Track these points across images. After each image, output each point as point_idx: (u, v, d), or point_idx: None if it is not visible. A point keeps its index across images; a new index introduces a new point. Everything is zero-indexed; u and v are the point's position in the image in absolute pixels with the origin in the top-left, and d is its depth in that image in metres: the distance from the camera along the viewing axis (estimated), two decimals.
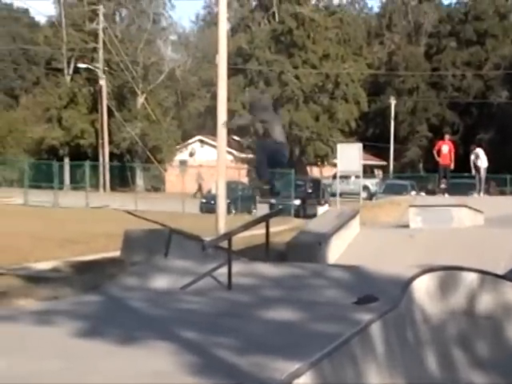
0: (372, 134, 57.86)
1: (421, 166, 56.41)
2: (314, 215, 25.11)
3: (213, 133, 29.09)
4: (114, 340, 5.07)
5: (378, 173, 52.80)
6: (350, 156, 28.68)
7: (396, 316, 5.58)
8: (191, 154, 50.16)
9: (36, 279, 6.65)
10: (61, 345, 5.04)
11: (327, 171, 48.99)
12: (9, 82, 58.84)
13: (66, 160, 45.53)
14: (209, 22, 59.82)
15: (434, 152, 22.14)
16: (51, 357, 4.65)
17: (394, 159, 52.89)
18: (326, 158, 51.46)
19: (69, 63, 50.50)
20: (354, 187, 36.22)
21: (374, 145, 52.09)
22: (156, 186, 47.80)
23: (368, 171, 45.84)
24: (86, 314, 6.21)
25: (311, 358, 4.39)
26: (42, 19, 65.77)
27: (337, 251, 11.05)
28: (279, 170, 39.47)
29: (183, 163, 46.56)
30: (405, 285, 6.06)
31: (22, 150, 46.80)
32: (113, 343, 4.99)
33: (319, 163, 52.70)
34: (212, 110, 38.07)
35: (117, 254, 9.84)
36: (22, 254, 11.23)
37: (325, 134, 50.42)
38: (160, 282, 7.60)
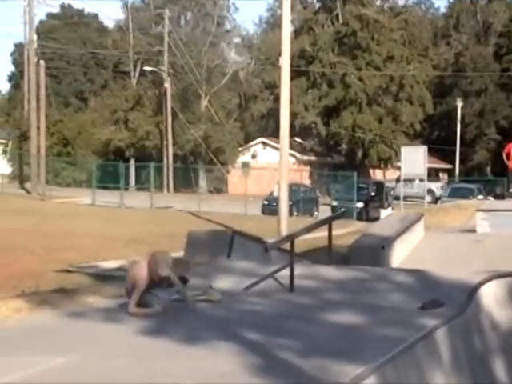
0: (437, 137, 56.74)
1: (488, 169, 54.90)
2: (377, 218, 24.75)
3: (275, 135, 29.15)
4: (179, 339, 5.14)
5: (444, 176, 51.72)
6: (415, 159, 28.22)
7: (462, 322, 5.46)
8: (253, 156, 50.41)
9: (103, 277, 6.83)
10: (127, 343, 5.15)
11: (390, 174, 48.31)
12: (79, 86, 60.64)
13: (132, 161, 46.51)
14: (272, 24, 59.98)
15: (504, 155, 21.52)
16: (119, 355, 4.76)
17: (461, 162, 51.70)
18: (389, 160, 50.76)
19: (135, 66, 51.67)
20: (419, 191, 35.60)
21: (440, 148, 51.08)
22: (218, 187, 48.25)
23: (433, 174, 44.98)
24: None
25: (375, 362, 4.34)
26: (110, 24, 67.51)
27: (400, 255, 10.89)
28: (342, 172, 39.18)
29: (246, 165, 46.80)
30: (472, 291, 5.93)
31: (91, 152, 48.05)
32: (177, 342, 5.07)
33: (382, 166, 52.04)
34: (275, 113, 38.17)
35: (180, 254, 9.96)
36: (91, 252, 11.56)
37: (388, 137, 49.76)
38: (223, 283, 7.65)
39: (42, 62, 37.93)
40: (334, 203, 30.79)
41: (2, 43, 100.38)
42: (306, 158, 49.76)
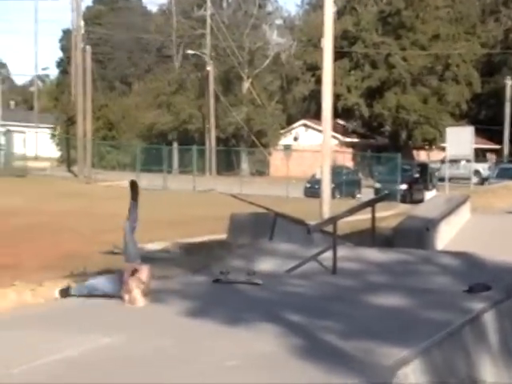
0: (485, 117, 55.38)
1: None
2: (421, 200, 24.42)
3: (317, 117, 28.85)
4: (221, 320, 5.17)
5: (491, 157, 50.57)
6: (460, 139, 27.64)
7: (511, 306, 5.33)
8: (295, 139, 50.19)
9: (148, 259, 6.89)
10: (171, 323, 5.20)
11: (435, 155, 47.47)
12: (123, 70, 61.22)
13: (175, 144, 46.82)
14: (314, 5, 59.27)
15: None
16: (163, 335, 4.82)
17: (509, 142, 50.44)
18: (433, 141, 49.84)
19: (178, 50, 51.84)
20: (464, 172, 34.90)
21: (487, 128, 49.91)
22: (260, 170, 48.24)
23: (480, 155, 44.04)
24: (194, 293, 6.36)
25: (419, 346, 4.28)
26: (153, 8, 67.89)
27: (446, 237, 10.71)
28: (385, 154, 38.66)
29: (287, 147, 46.64)
30: None
31: (135, 135, 48.55)
32: (220, 323, 5.09)
33: (427, 147, 51.18)
34: (317, 94, 37.84)
35: (223, 236, 10.00)
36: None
37: (433, 117, 48.83)
38: (265, 265, 7.67)
39: (88, 47, 38.39)
40: (377, 185, 30.45)
41: (52, 30, 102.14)
42: (348, 139, 49.29)
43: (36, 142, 47.30)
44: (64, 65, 58.58)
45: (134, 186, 6.25)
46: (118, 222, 14.56)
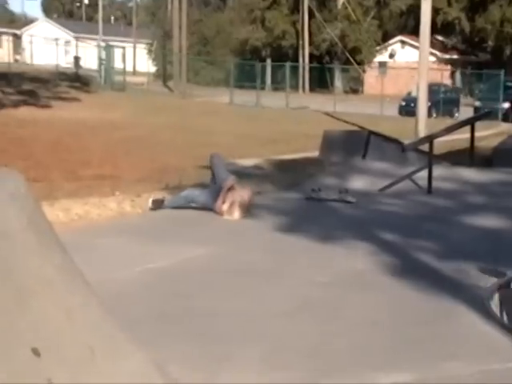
0: None
1: None
2: None
3: (415, 33, 27.48)
4: (314, 237, 5.14)
5: None
6: None
7: None
8: (391, 56, 48.39)
9: (240, 174, 6.92)
10: (265, 237, 5.23)
11: None
12: None
13: (268, 61, 46.27)
14: None
15: None
16: (256, 248, 4.85)
17: None
18: None
19: None
20: None
21: None
22: (354, 87, 47.12)
23: None
24: (286, 209, 6.36)
25: None
26: None
27: None
28: (486, 71, 36.55)
29: (383, 65, 45.11)
30: None
31: (229, 51, 48.28)
32: (312, 240, 5.07)
33: None
34: (415, 9, 35.95)
35: (315, 154, 9.90)
36: (229, 150, 11.74)
37: None
38: (358, 183, 7.57)
39: None
40: (477, 104, 29.06)
41: None
42: (447, 56, 47.01)
43: (134, 57, 48.14)
44: None
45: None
46: (211, 137, 14.73)
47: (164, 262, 4.35)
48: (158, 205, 6.13)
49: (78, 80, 33.73)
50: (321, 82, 44.08)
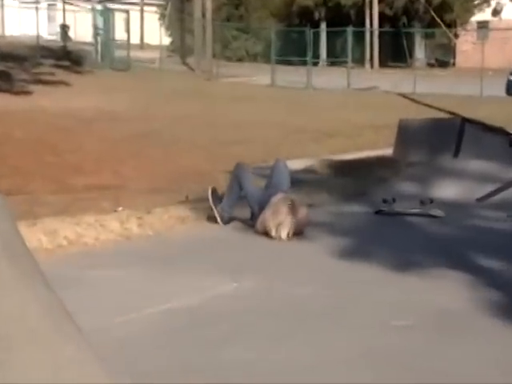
0: None
1: None
2: None
3: None
4: (386, 264, 5.17)
5: None
6: None
7: None
8: (496, 12, 47.96)
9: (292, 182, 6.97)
10: (320, 265, 5.28)
11: None
12: None
13: (323, 26, 46.39)
14: None
15: None
16: (308, 280, 4.90)
17: None
18: None
19: None
20: None
21: None
22: (442, 59, 46.89)
23: None
24: (349, 228, 6.40)
25: None
26: None
27: None
28: None
29: (483, 26, 44.68)
30: None
31: (269, 14, 48.55)
32: (384, 268, 5.10)
33: None
34: None
35: (388, 151, 9.90)
36: (270, 148, 11.83)
37: None
38: (447, 191, 7.58)
39: None
40: None
41: None
42: None
43: (141, 25, 48.43)
44: None
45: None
46: (246, 131, 14.83)
47: (184, 301, 4.42)
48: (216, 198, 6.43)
49: (66, 57, 34.32)
50: (395, 52, 43.92)
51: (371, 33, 43.71)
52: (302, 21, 45.74)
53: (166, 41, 47.38)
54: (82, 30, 42.52)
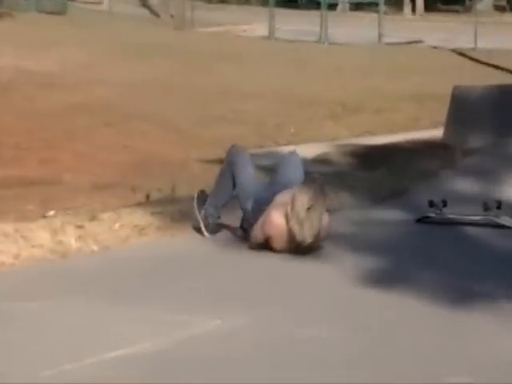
0: None
1: None
2: None
3: None
4: (433, 294, 5.18)
5: None
6: None
7: None
8: None
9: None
10: (336, 296, 5.29)
11: None
12: None
13: None
14: None
15: None
16: (322, 317, 4.90)
17: None
18: None
19: None
20: None
21: None
22: None
23: None
24: (380, 241, 6.45)
25: None
26: None
27: None
28: None
29: None
30: None
31: None
32: (430, 301, 5.10)
33: None
34: None
35: (436, 133, 9.97)
36: (271, 127, 11.84)
37: None
38: None
39: None
40: None
41: None
42: None
43: None
44: None
45: None
46: (232, 104, 14.81)
47: (142, 346, 4.39)
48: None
49: None
50: None
51: None
52: None
53: None
54: None
